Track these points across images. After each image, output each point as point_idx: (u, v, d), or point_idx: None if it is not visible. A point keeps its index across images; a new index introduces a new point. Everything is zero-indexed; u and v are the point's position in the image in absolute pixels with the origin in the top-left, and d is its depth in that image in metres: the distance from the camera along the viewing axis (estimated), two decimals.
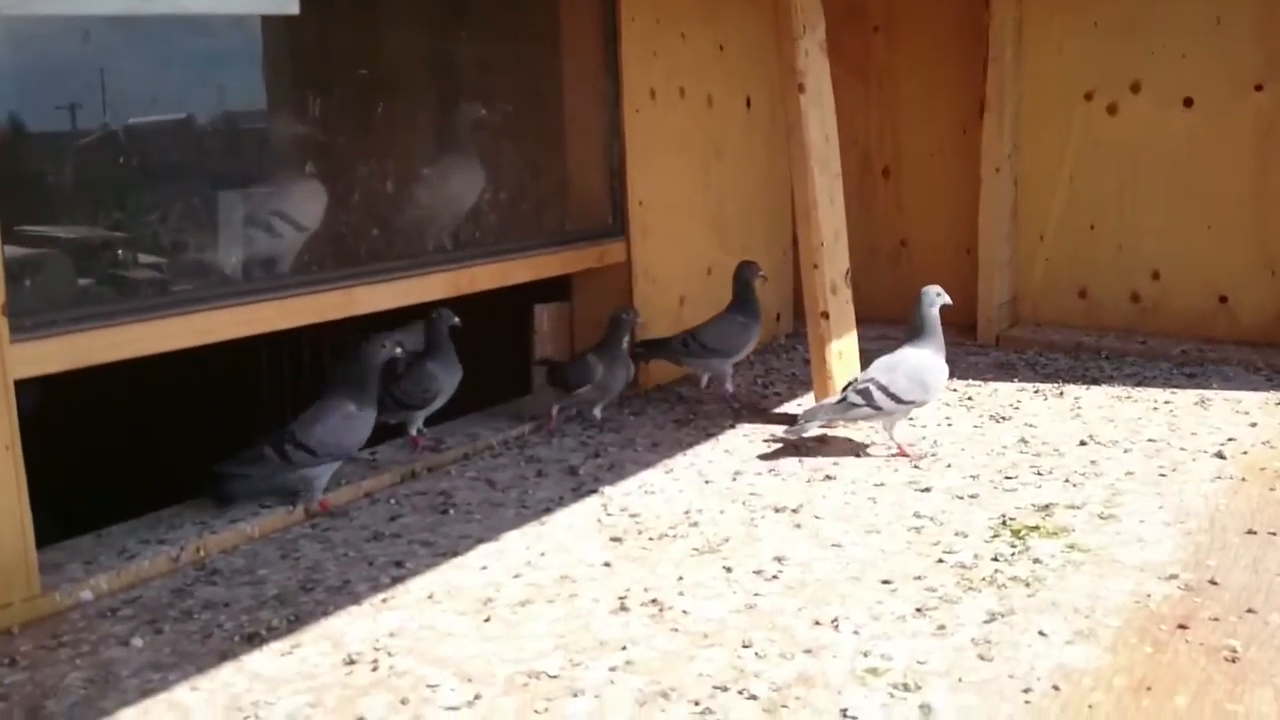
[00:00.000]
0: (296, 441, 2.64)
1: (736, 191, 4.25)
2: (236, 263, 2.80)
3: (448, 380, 3.18)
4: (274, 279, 2.82)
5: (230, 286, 2.73)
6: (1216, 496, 2.64)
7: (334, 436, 2.68)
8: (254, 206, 2.85)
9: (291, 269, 2.88)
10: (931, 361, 3.05)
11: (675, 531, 2.52)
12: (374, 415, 2.76)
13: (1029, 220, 4.42)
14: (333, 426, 2.69)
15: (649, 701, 1.77)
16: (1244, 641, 1.90)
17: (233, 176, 2.86)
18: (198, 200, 2.77)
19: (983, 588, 2.18)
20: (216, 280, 2.76)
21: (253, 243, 2.84)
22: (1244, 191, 4.03)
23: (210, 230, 2.80)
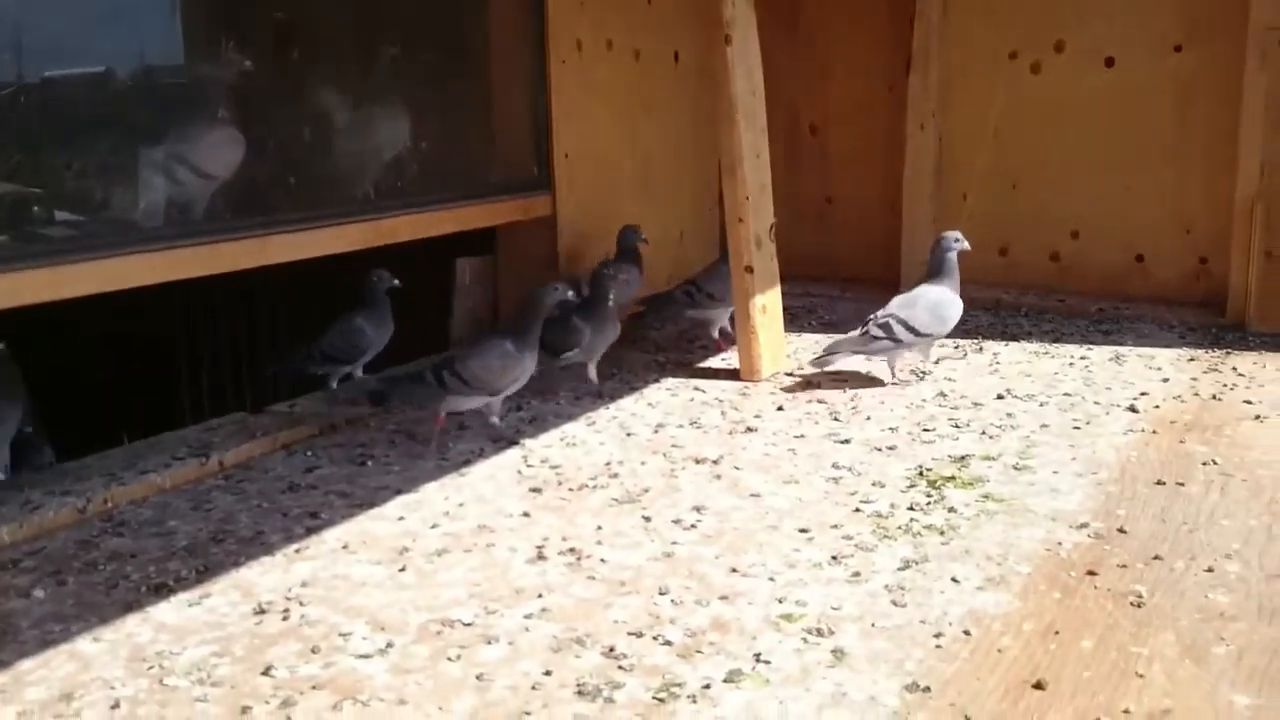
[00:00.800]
0: (454, 371, 2.71)
1: (664, 146, 4.23)
2: (143, 210, 2.71)
3: (377, 337, 3.17)
4: (183, 226, 2.74)
5: (137, 233, 2.65)
6: (1128, 449, 2.69)
7: (488, 373, 2.74)
8: (159, 154, 2.76)
9: (204, 217, 2.79)
10: (948, 297, 3.27)
11: (595, 482, 2.51)
12: (533, 360, 2.82)
13: (953, 178, 4.45)
14: (489, 363, 2.74)
15: (563, 648, 1.77)
16: (1149, 588, 1.94)
17: (140, 124, 2.77)
18: (101, 148, 2.67)
19: (898, 536, 2.20)
20: (123, 227, 2.68)
21: (157, 190, 2.74)
22: (1162, 152, 4.09)
23: (114, 177, 2.70)
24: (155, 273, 2.59)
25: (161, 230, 2.68)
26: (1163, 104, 4.07)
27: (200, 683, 1.68)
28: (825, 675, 1.68)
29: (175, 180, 2.73)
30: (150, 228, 2.69)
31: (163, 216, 2.73)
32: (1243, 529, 2.20)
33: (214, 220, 2.79)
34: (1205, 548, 2.11)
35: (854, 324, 3.98)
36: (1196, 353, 3.57)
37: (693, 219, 4.45)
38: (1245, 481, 2.46)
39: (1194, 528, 2.21)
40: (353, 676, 1.69)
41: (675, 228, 4.34)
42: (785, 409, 3.06)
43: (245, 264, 2.78)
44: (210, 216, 2.79)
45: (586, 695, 1.63)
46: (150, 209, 2.71)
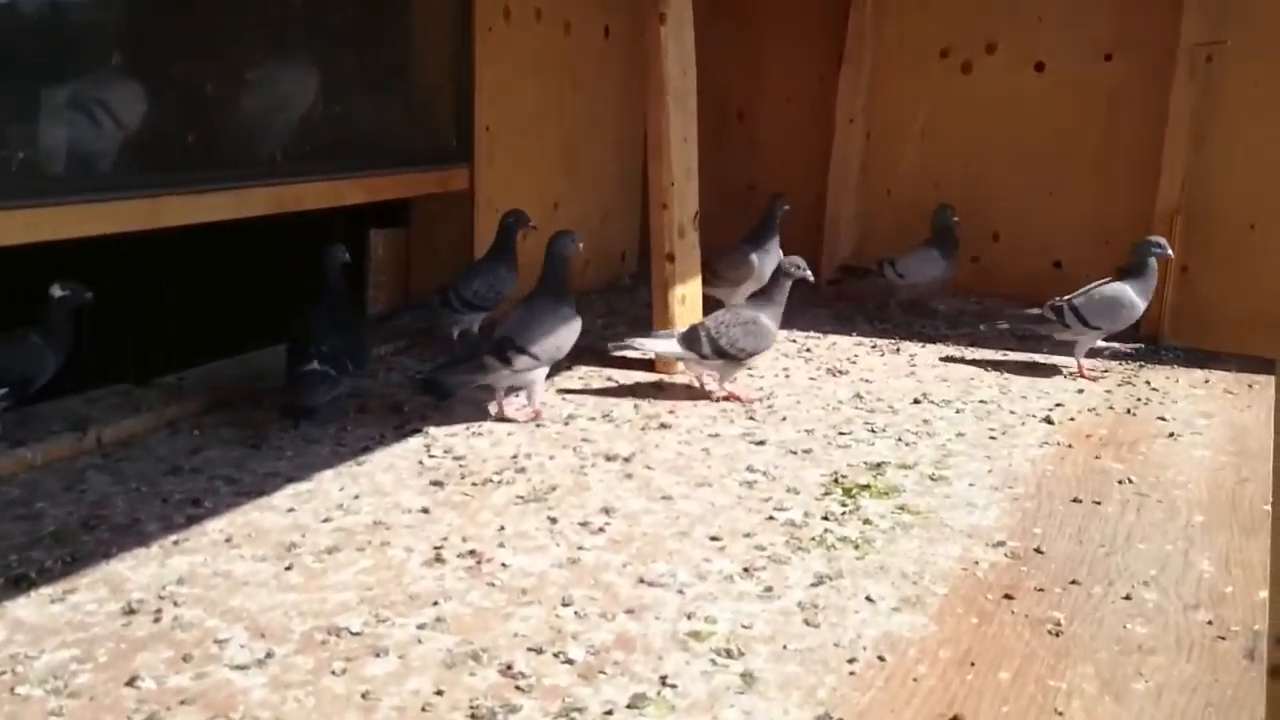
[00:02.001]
0: (520, 347, 2.69)
1: (590, 123, 4.10)
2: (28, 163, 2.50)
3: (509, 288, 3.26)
4: (67, 183, 2.53)
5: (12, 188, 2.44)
6: (1043, 462, 2.66)
7: (555, 339, 2.75)
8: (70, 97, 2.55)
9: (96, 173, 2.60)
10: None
11: (501, 477, 2.40)
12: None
13: (878, 174, 4.41)
14: (559, 332, 2.72)
15: (458, 664, 1.65)
16: (1067, 615, 1.89)
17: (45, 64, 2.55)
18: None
19: (812, 548, 2.12)
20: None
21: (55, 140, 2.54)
22: (1087, 160, 4.09)
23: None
24: (29, 232, 2.38)
25: (42, 186, 2.47)
26: (1090, 112, 4.06)
27: (56, 693, 1.53)
28: (734, 702, 1.59)
29: (97, 125, 2.52)
30: (27, 185, 2.47)
31: (58, 169, 2.53)
32: (1159, 554, 2.17)
33: (103, 178, 2.59)
34: (1123, 573, 2.08)
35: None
36: (1111, 365, 3.57)
37: (616, 200, 4.33)
38: (1161, 503, 2.43)
39: (1111, 550, 2.17)
40: (226, 690, 1.56)
41: (598, 209, 4.22)
42: (700, 405, 2.97)
43: (134, 226, 2.60)
44: (100, 173, 2.60)
45: (480, 719, 1.51)
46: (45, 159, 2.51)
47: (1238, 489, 2.53)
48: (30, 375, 2.45)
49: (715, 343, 2.94)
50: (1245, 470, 2.66)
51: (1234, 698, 1.67)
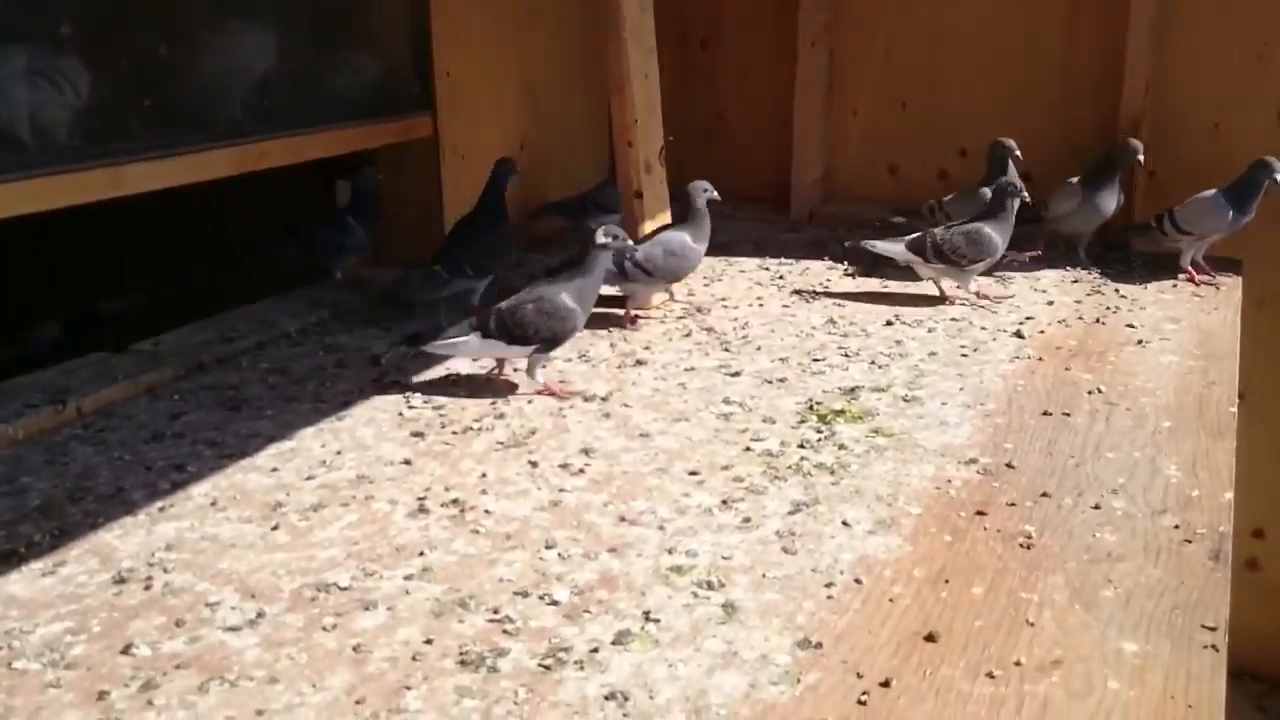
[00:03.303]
0: (635, 261, 2.90)
1: (552, 62, 4.07)
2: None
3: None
4: (20, 156, 2.51)
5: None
6: (1014, 377, 2.70)
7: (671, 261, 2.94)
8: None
9: (44, 146, 2.57)
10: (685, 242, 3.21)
11: (480, 424, 2.43)
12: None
13: (843, 96, 4.39)
14: (545, 311, 2.58)
15: (445, 612, 1.69)
16: (1038, 527, 1.94)
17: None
18: None
19: (789, 476, 2.16)
20: None
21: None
22: (1050, 70, 4.08)
23: None
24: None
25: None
26: (1052, 20, 4.05)
27: (53, 665, 1.56)
28: (716, 633, 1.64)
29: (54, 94, 2.49)
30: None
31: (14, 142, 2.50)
32: (1128, 462, 2.22)
33: (62, 149, 2.57)
34: (1092, 483, 2.13)
35: (744, 245, 3.95)
36: (1080, 274, 3.60)
37: (583, 138, 4.31)
38: (1129, 410, 2.48)
39: (1080, 461, 2.22)
40: (220, 652, 1.59)
41: (565, 147, 4.20)
42: (675, 340, 3.00)
43: (97, 195, 2.58)
44: (58, 145, 2.57)
45: (470, 665, 1.56)
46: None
47: (1205, 393, 2.58)
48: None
49: (939, 249, 3.18)
50: (1212, 373, 2.71)
51: (1199, 599, 1.73)
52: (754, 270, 3.71)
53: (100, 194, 2.58)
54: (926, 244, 3.23)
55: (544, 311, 2.55)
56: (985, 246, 3.20)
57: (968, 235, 3.21)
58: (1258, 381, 3.56)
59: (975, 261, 3.22)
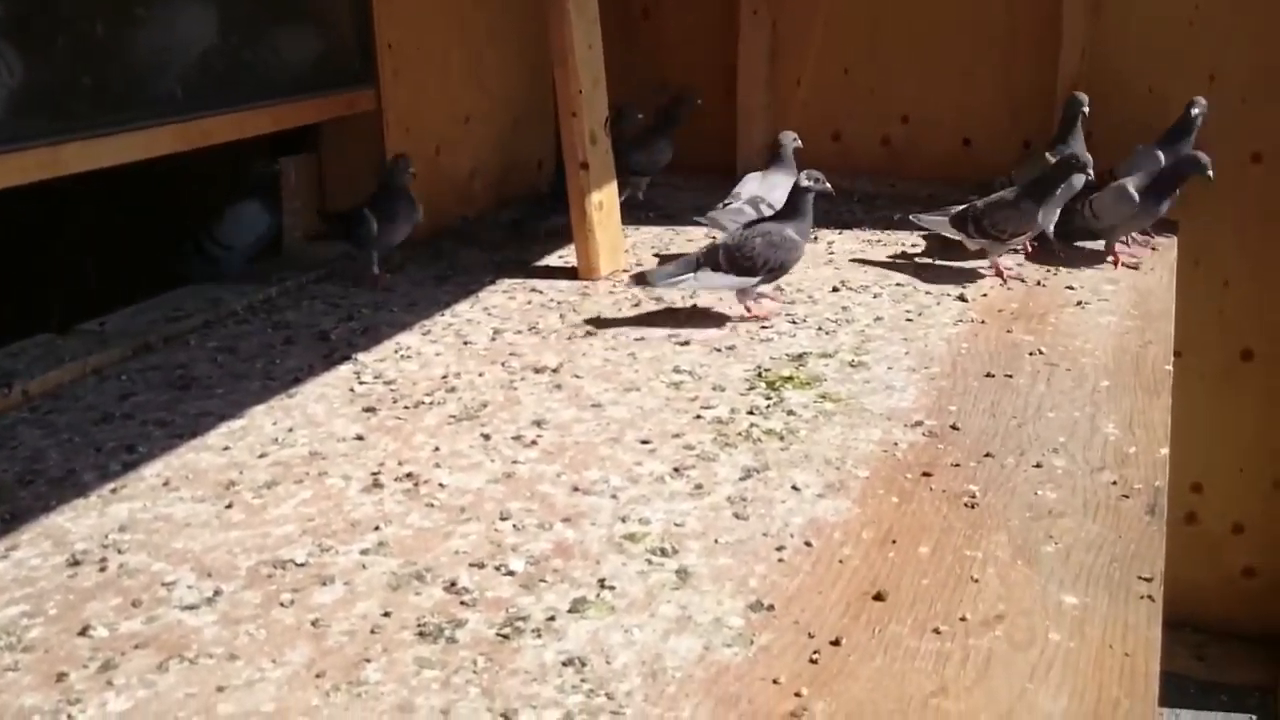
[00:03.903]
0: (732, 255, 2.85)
1: (494, 33, 4.04)
2: None
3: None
4: None
5: None
6: (958, 340, 2.75)
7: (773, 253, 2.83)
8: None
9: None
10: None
11: (432, 398, 2.44)
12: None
13: (786, 65, 4.41)
14: (774, 243, 2.79)
15: (403, 585, 1.71)
16: (982, 487, 1.99)
17: None
18: None
19: (739, 443, 2.20)
20: None
21: None
22: (991, 36, 4.13)
23: None
24: None
25: None
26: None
27: (10, 648, 1.56)
28: (670, 598, 1.67)
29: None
30: None
31: None
32: (1068, 421, 2.27)
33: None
34: (1034, 442, 2.18)
35: (691, 215, 3.96)
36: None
37: (528, 109, 4.29)
38: (1069, 371, 2.54)
39: (1022, 421, 2.28)
40: (178, 631, 1.60)
41: (509, 119, 4.19)
42: (625, 309, 3.02)
43: (36, 176, 2.55)
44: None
45: (428, 636, 1.58)
46: None
47: (1141, 352, 2.65)
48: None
49: (979, 223, 3.15)
50: (1149, 333, 2.78)
51: (1136, 552, 1.78)
52: (701, 240, 3.72)
53: (38, 174, 2.54)
54: (968, 217, 3.19)
55: (772, 243, 2.81)
56: (1023, 220, 3.12)
57: (1007, 209, 3.14)
58: (1193, 340, 3.65)
59: (1015, 235, 3.16)
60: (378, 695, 1.46)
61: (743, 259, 2.80)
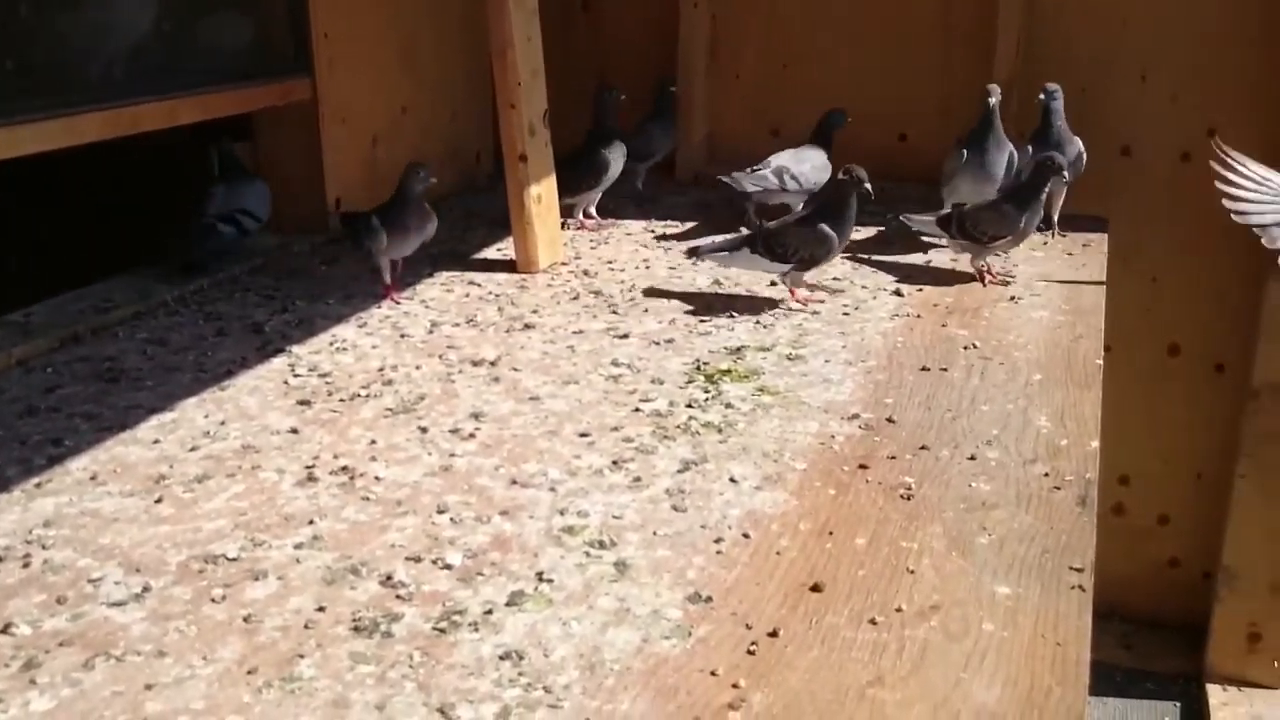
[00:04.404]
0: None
1: (432, 23, 4.01)
2: None
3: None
4: None
5: None
6: (894, 334, 2.77)
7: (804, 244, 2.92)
8: None
9: None
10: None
11: (368, 391, 2.41)
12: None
13: (726, 59, 4.42)
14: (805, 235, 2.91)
15: (337, 579, 1.69)
16: (917, 479, 2.01)
17: None
18: None
19: (677, 435, 2.20)
20: None
21: None
22: (929, 32, 4.17)
23: None
24: None
25: None
26: None
27: None
28: (608, 591, 1.67)
29: None
30: None
31: None
32: (1001, 414, 2.30)
33: None
34: (968, 434, 2.21)
35: (630, 207, 3.96)
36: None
37: (465, 100, 4.26)
38: (1002, 365, 2.57)
39: (957, 414, 2.30)
40: (105, 628, 1.57)
41: (447, 111, 4.15)
42: (562, 303, 3.00)
43: None
44: None
45: (363, 631, 1.56)
46: None
47: (1072, 346, 2.69)
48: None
49: (962, 224, 3.14)
50: (1080, 327, 2.82)
51: (1067, 543, 1.81)
52: (639, 233, 3.73)
53: None
54: (953, 218, 3.17)
55: (803, 235, 2.91)
56: (1004, 224, 3.09)
57: (985, 212, 3.14)
58: (1122, 335, 3.71)
59: (995, 239, 3.12)
60: (311, 691, 1.44)
61: (777, 245, 2.92)
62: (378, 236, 2.96)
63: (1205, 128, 3.91)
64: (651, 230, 3.75)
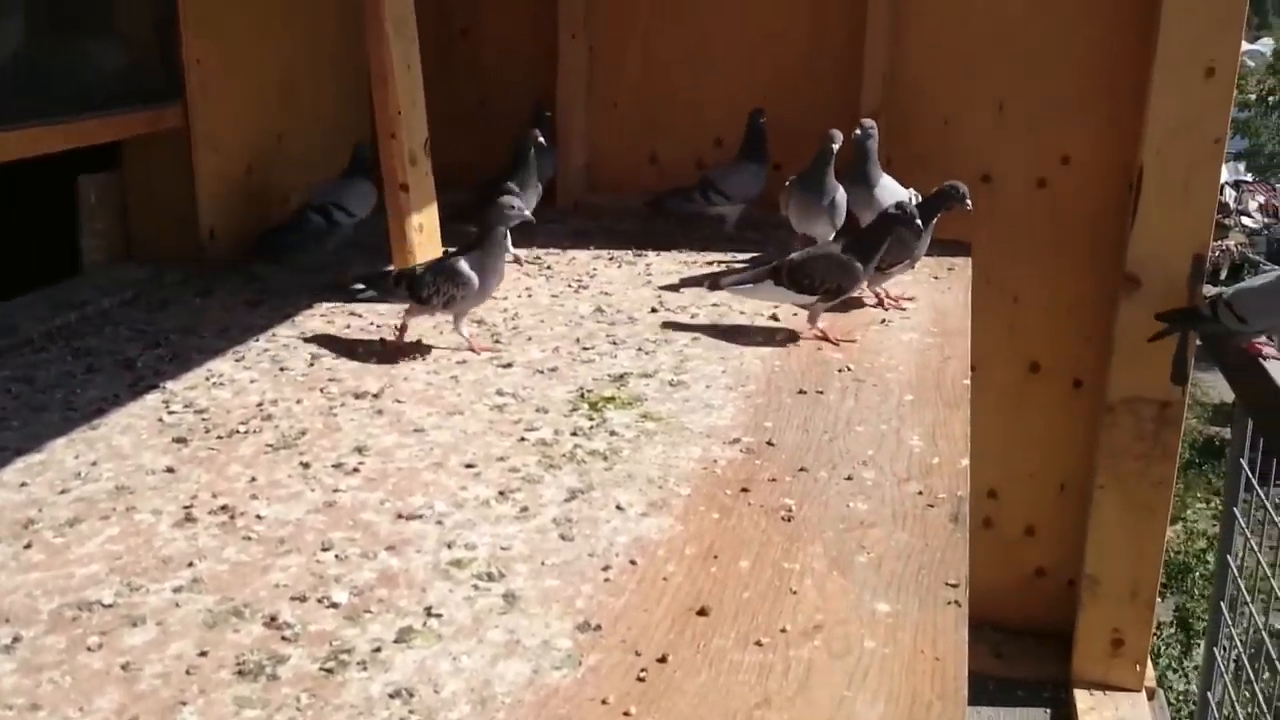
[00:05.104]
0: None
1: (308, 50, 3.97)
2: None
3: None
4: None
5: None
6: (772, 358, 2.84)
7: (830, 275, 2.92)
8: None
9: None
10: None
11: (247, 427, 2.37)
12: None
13: (604, 88, 4.47)
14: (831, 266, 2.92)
15: (219, 623, 1.66)
16: (797, 501, 2.07)
17: None
18: None
19: (563, 464, 2.22)
20: None
21: None
22: (799, 60, 4.29)
23: None
24: None
25: None
26: (799, 12, 4.25)
27: None
28: (498, 623, 1.67)
29: None
30: None
31: None
32: (876, 434, 2.38)
33: None
34: (844, 455, 2.27)
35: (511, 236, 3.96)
36: None
37: (343, 129, 4.22)
38: (875, 386, 2.66)
39: (834, 436, 2.37)
40: None
41: (322, 139, 4.11)
42: (445, 333, 3.00)
43: None
44: None
45: (248, 675, 1.54)
46: None
47: (942, 367, 2.79)
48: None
49: (793, 274, 2.96)
50: (948, 349, 2.93)
51: (942, 559, 1.88)
52: (521, 260, 3.74)
53: None
54: (782, 269, 2.97)
55: (830, 266, 2.92)
56: (845, 274, 2.94)
57: (828, 259, 2.96)
58: (986, 354, 3.85)
59: (841, 292, 2.97)
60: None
61: (802, 277, 2.91)
62: (467, 282, 2.75)
63: (1059, 155, 4.13)
64: (533, 259, 3.76)
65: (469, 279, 2.76)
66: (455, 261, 2.78)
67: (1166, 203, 3.81)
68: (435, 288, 2.77)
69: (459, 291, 2.77)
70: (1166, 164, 3.78)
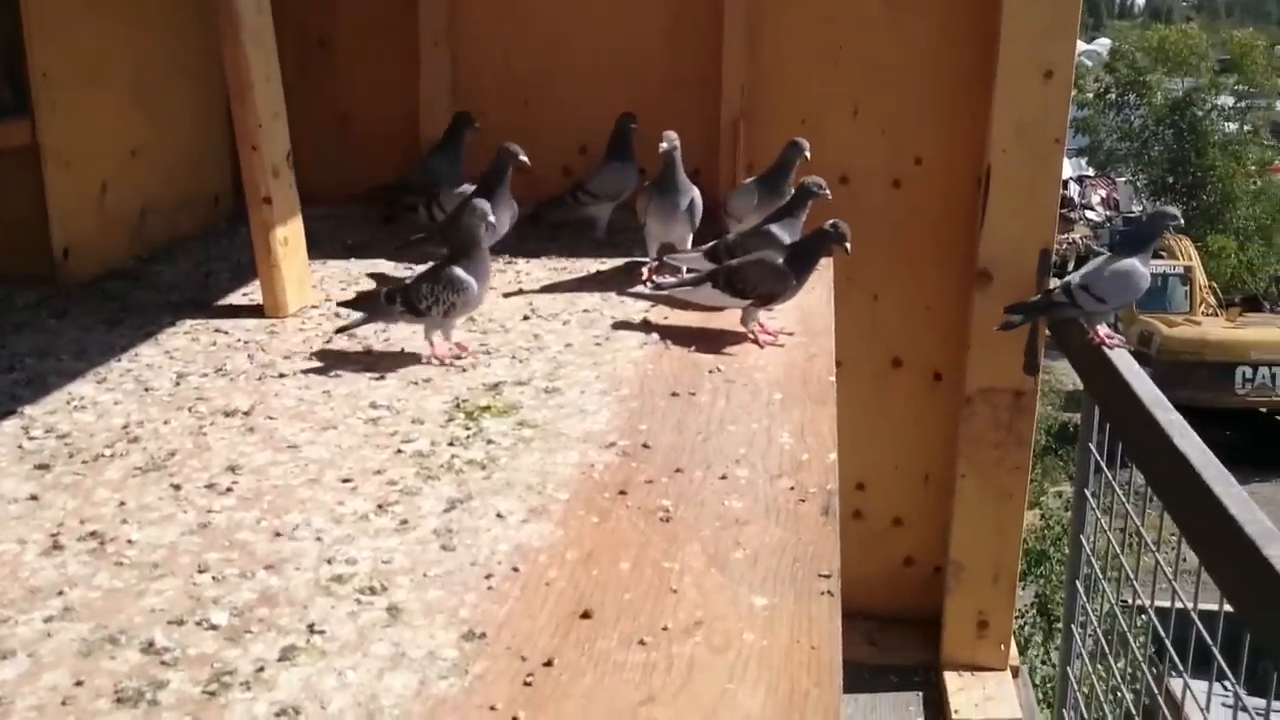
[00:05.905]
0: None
1: (164, 61, 3.87)
2: None
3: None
4: None
5: None
6: (644, 362, 2.89)
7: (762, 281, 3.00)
8: None
9: None
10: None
11: (113, 450, 2.31)
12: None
13: (467, 97, 4.47)
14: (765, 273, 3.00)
15: (94, 651, 1.63)
16: (674, 501, 2.12)
17: None
18: None
19: (441, 475, 2.23)
20: None
21: None
22: (660, 72, 4.36)
23: None
24: None
25: None
26: (659, 22, 4.33)
27: None
28: (382, 636, 1.68)
29: None
30: None
31: None
32: (747, 433, 2.45)
33: None
34: (718, 455, 2.33)
35: (380, 246, 3.95)
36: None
37: (202, 145, 4.14)
38: (745, 387, 2.73)
39: (707, 436, 2.43)
40: None
41: (181, 153, 4.01)
42: (316, 347, 2.97)
43: None
44: None
45: (127, 701, 1.51)
46: None
47: (808, 366, 2.89)
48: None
49: (730, 278, 3.09)
50: (813, 348, 3.03)
51: (815, 552, 1.95)
52: (391, 271, 3.72)
53: None
54: (720, 275, 3.08)
55: (763, 272, 3.01)
56: (779, 282, 3.04)
57: (764, 267, 3.05)
58: (850, 351, 3.96)
59: (764, 298, 3.05)
60: None
61: (739, 282, 3.02)
62: (465, 289, 2.76)
63: (913, 157, 4.29)
64: (409, 268, 3.74)
65: (468, 285, 2.78)
66: (451, 269, 2.79)
67: (1013, 200, 3.99)
68: (434, 297, 2.77)
69: (459, 299, 2.79)
70: (1012, 163, 3.96)
